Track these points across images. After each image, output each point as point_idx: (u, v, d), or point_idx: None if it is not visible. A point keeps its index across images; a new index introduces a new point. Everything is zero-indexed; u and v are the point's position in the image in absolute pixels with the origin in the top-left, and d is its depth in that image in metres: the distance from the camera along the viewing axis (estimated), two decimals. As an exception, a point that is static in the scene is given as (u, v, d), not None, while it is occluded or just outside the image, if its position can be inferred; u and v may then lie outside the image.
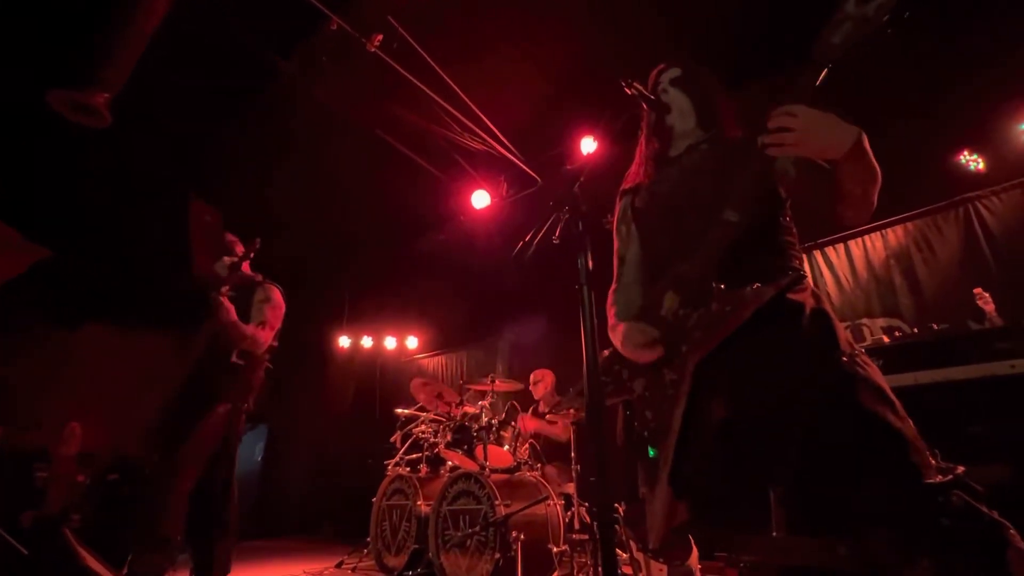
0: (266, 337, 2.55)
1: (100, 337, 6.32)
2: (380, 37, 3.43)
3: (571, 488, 3.32)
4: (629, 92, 1.34)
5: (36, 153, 4.40)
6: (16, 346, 5.89)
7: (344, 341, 6.79)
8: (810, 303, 1.15)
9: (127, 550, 2.25)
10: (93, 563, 1.53)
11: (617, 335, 1.31)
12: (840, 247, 3.38)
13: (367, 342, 6.79)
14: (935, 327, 2.43)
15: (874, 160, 1.10)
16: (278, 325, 2.64)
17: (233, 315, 2.40)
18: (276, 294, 2.67)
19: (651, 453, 1.14)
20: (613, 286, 1.45)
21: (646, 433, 1.17)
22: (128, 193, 4.49)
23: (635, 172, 1.47)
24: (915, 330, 2.57)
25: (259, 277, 2.74)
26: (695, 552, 1.52)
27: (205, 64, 3.65)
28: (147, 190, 4.41)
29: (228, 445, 2.38)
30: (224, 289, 2.41)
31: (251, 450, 7.03)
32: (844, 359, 1.04)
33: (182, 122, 4.14)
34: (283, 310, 2.68)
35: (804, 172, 1.19)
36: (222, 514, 2.32)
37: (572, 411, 3.55)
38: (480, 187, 4.82)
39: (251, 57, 3.57)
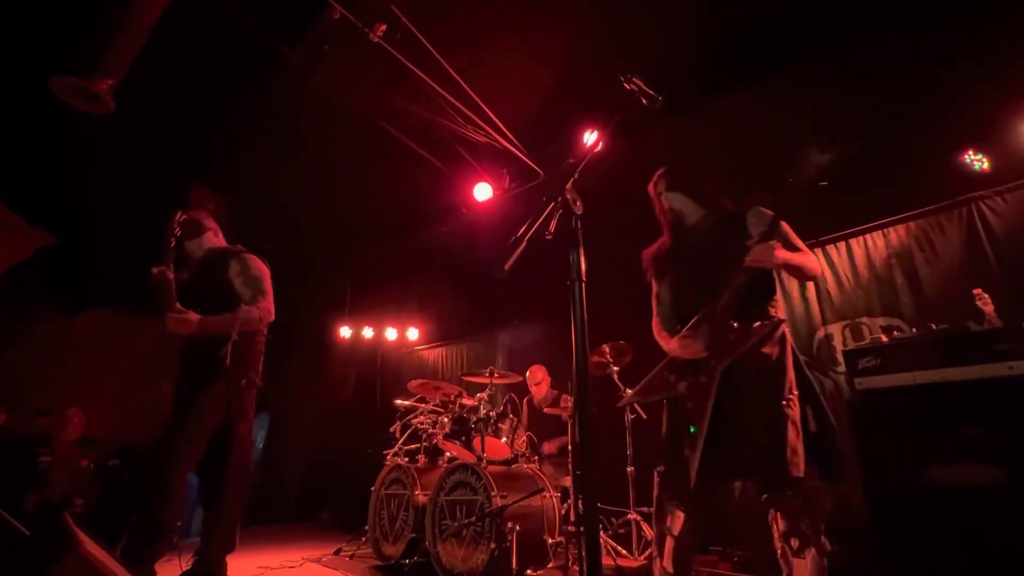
0: (264, 310, 2.42)
1: (103, 323, 6.36)
2: (384, 27, 3.41)
3: (568, 481, 3.35)
4: (628, 87, 1.34)
5: (40, 140, 4.41)
6: (20, 331, 5.93)
7: (345, 331, 6.82)
8: (775, 352, 1.79)
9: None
10: (93, 547, 1.55)
11: (673, 346, 1.93)
12: (841, 245, 3.36)
13: (368, 333, 6.81)
14: (934, 327, 2.42)
15: (795, 263, 1.83)
16: (270, 291, 2.50)
17: (191, 322, 2.25)
18: (253, 261, 2.53)
19: (692, 430, 1.74)
20: (655, 319, 2.11)
21: (690, 416, 1.77)
22: (132, 179, 4.50)
23: (662, 240, 2.14)
24: (914, 330, 2.57)
25: (234, 248, 2.58)
26: None
27: (208, 53, 3.64)
28: (150, 176, 4.42)
29: (228, 424, 2.33)
30: (160, 269, 2.25)
31: (253, 437, 7.09)
32: (783, 402, 1.72)
33: (185, 110, 4.14)
34: (267, 274, 2.54)
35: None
36: (222, 493, 2.31)
37: (570, 405, 3.58)
38: (482, 180, 4.81)
39: (254, 46, 3.55)
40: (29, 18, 3.42)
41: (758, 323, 1.75)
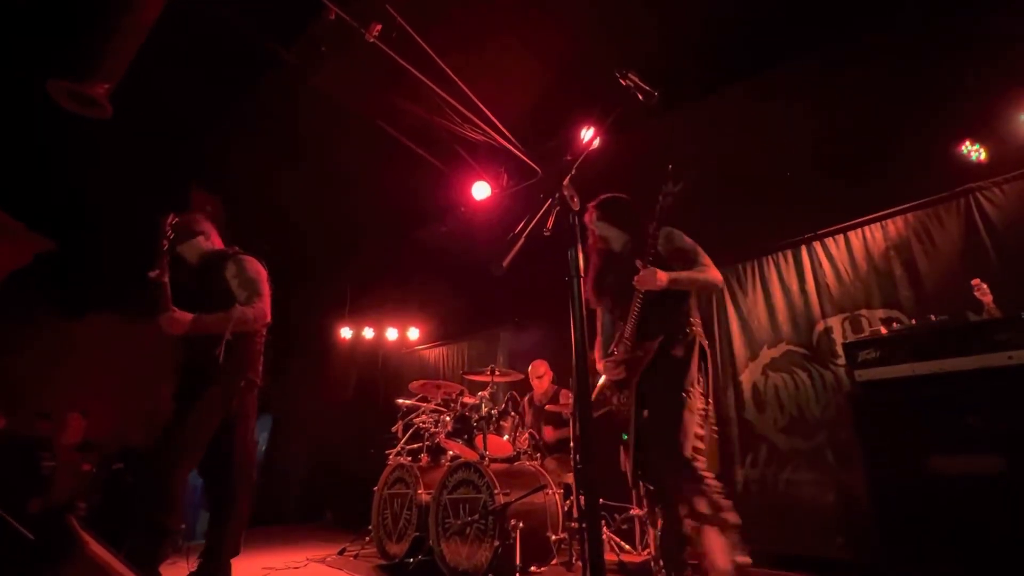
0: (258, 310, 2.39)
1: (103, 326, 6.36)
2: (379, 27, 3.41)
3: (570, 478, 3.36)
4: (624, 83, 1.34)
5: (38, 143, 4.41)
6: (20, 335, 5.93)
7: (346, 332, 6.82)
8: (681, 353, 2.05)
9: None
10: (98, 549, 1.56)
11: (602, 367, 2.25)
12: (840, 238, 3.36)
13: (369, 333, 6.82)
14: (933, 318, 2.43)
15: (683, 281, 2.08)
16: (267, 290, 2.48)
17: (184, 322, 2.24)
18: (249, 262, 2.51)
19: (624, 437, 2.08)
20: (598, 339, 2.38)
21: (622, 427, 2.09)
22: (130, 182, 4.49)
23: (593, 269, 2.34)
24: (913, 321, 2.57)
25: (230, 250, 2.57)
26: None
27: (204, 55, 3.63)
28: (150, 179, 4.41)
29: (229, 425, 2.33)
30: (155, 274, 2.24)
31: (256, 437, 7.10)
32: (683, 393, 1.98)
33: (184, 113, 4.13)
34: (264, 275, 2.53)
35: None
36: (226, 494, 2.31)
37: (571, 401, 3.58)
38: (481, 178, 4.81)
39: (251, 47, 3.55)
40: (27, 20, 3.41)
41: (658, 340, 2.03)
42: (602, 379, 2.34)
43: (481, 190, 4.74)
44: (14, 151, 4.48)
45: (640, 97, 1.42)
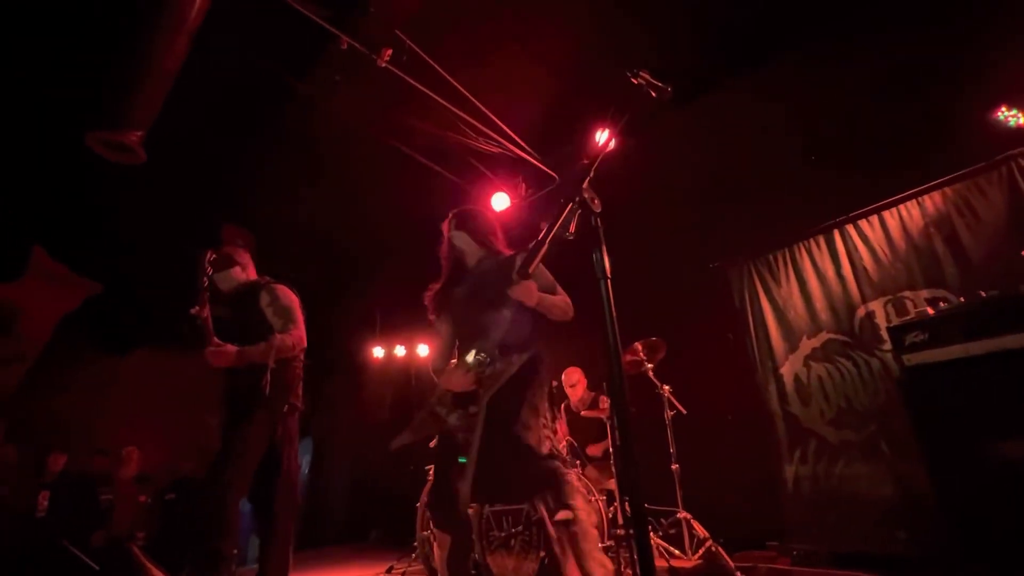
0: (296, 337, 2.46)
1: (149, 362, 6.62)
2: (389, 51, 3.49)
3: (613, 485, 3.30)
4: (635, 82, 1.34)
5: (78, 191, 4.66)
6: (75, 377, 6.23)
7: (378, 352, 6.92)
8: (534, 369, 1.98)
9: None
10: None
11: (443, 379, 2.01)
12: (874, 219, 3.24)
13: (400, 351, 6.90)
14: (983, 294, 2.30)
15: (550, 304, 2.01)
16: (301, 317, 2.55)
17: (230, 355, 2.30)
18: (282, 291, 2.58)
19: (462, 460, 1.80)
20: (432, 354, 2.28)
21: (459, 447, 1.85)
22: (164, 221, 4.70)
23: (443, 279, 2.27)
24: (962, 299, 2.44)
25: (262, 280, 2.64)
26: None
27: (224, 92, 3.79)
28: (182, 217, 4.61)
29: (275, 450, 2.39)
30: (196, 310, 2.30)
31: (299, 461, 7.25)
32: (525, 403, 1.91)
33: (210, 149, 4.31)
34: (297, 302, 2.60)
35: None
36: (273, 518, 2.36)
37: (608, 406, 3.53)
38: (499, 189, 4.84)
39: (269, 81, 3.68)
40: (60, 73, 3.61)
41: (516, 355, 1.91)
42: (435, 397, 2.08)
43: (500, 201, 4.77)
44: (53, 198, 4.75)
45: (653, 94, 1.41)
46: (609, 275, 0.97)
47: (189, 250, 2.55)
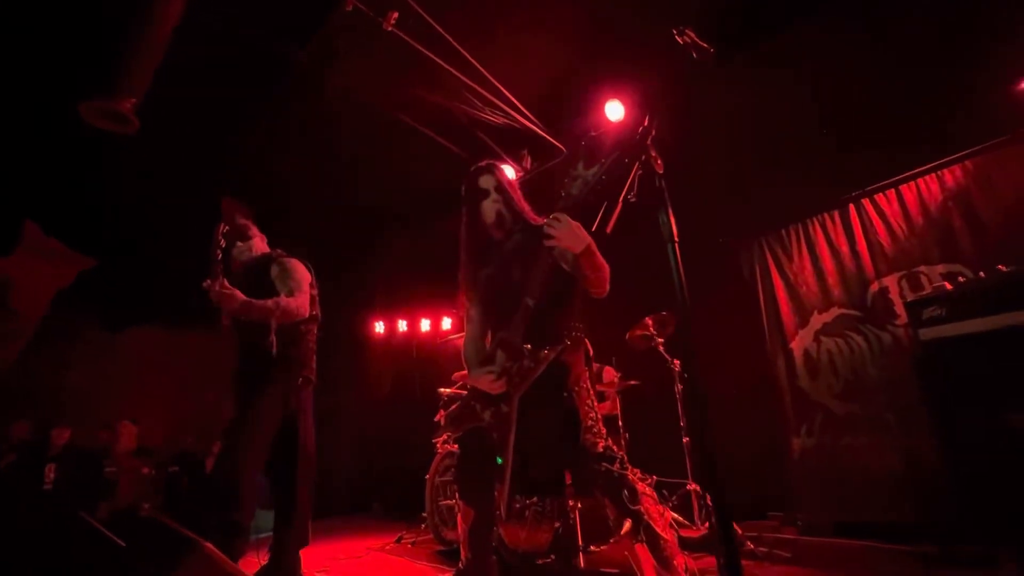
0: (299, 303, 2.42)
1: (149, 337, 6.57)
2: (396, 15, 3.36)
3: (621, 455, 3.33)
4: (681, 41, 1.27)
5: (69, 162, 4.51)
6: (73, 352, 6.17)
7: (379, 327, 6.89)
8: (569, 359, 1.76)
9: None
10: (210, 546, 1.57)
11: (472, 377, 1.85)
12: (891, 193, 3.20)
13: (402, 326, 6.87)
14: (1003, 269, 2.29)
15: (600, 258, 1.64)
16: (308, 288, 2.53)
17: (237, 299, 2.23)
18: (292, 263, 2.56)
19: (499, 460, 1.67)
20: (464, 340, 2.01)
21: (494, 447, 1.69)
22: (163, 193, 4.58)
23: (468, 256, 1.96)
24: (981, 274, 2.43)
25: (275, 252, 2.64)
26: None
27: (224, 58, 3.64)
28: (180, 189, 4.49)
29: (291, 423, 2.39)
30: (208, 283, 2.25)
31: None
32: (565, 394, 1.73)
33: (208, 120, 4.17)
34: (306, 273, 2.58)
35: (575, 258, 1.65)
36: (292, 489, 2.37)
37: (618, 380, 3.54)
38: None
39: (270, 47, 3.54)
40: (52, 43, 3.46)
41: (547, 350, 1.64)
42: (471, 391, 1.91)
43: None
44: (48, 173, 4.60)
45: (695, 55, 1.35)
46: (677, 238, 0.92)
47: (192, 223, 2.48)
